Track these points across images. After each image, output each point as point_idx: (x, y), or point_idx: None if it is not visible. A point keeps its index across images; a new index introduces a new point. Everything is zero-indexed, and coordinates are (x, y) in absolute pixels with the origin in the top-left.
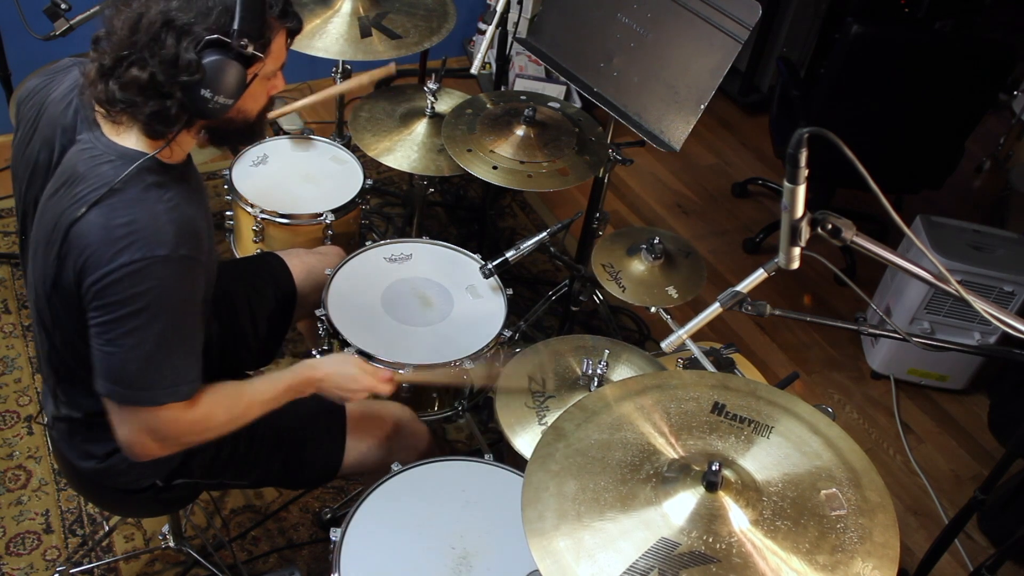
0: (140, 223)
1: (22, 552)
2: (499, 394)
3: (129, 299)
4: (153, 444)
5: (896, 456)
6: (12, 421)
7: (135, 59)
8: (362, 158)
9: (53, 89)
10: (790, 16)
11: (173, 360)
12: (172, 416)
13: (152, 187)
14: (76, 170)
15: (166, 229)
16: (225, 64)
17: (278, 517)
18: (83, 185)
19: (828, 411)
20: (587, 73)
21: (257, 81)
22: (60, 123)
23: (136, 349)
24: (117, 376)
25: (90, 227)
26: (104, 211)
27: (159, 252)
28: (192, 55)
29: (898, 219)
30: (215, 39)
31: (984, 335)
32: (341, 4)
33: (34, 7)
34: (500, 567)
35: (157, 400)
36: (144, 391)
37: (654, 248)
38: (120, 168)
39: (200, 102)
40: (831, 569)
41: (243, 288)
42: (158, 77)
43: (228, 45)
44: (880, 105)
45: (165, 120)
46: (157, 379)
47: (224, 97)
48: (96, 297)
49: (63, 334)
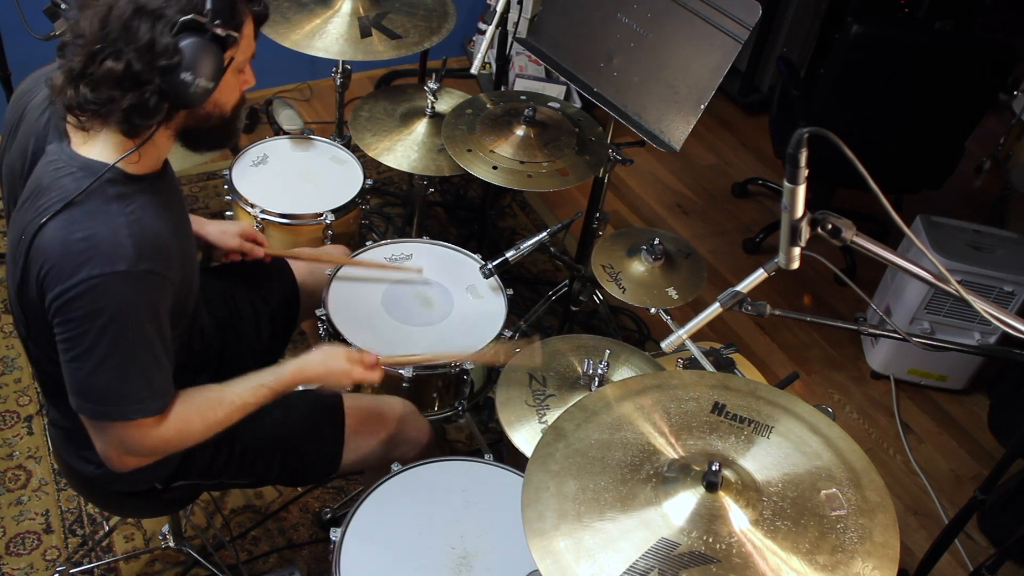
0: (99, 237)
1: (22, 552)
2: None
3: (90, 315)
4: (129, 458)
5: (896, 456)
6: (12, 421)
7: (108, 52)
8: (362, 158)
9: (35, 95)
10: (790, 16)
11: (140, 375)
12: (144, 431)
13: (114, 199)
14: (40, 182)
15: (125, 243)
16: (202, 45)
17: (278, 517)
18: (45, 198)
19: (828, 411)
20: (587, 73)
21: (230, 72)
22: (34, 131)
23: (101, 365)
24: (84, 392)
25: (50, 241)
26: (63, 224)
27: (119, 267)
28: (168, 38)
29: (898, 219)
30: (190, 20)
31: (984, 335)
32: (341, 4)
33: (34, 7)
34: (500, 567)
35: (127, 415)
36: (112, 406)
37: (654, 249)
38: (81, 180)
39: (180, 87)
40: (831, 569)
41: (246, 289)
42: (135, 66)
43: (203, 26)
44: (880, 105)
45: (144, 112)
46: (125, 394)
47: (204, 80)
48: (57, 313)
49: (37, 344)
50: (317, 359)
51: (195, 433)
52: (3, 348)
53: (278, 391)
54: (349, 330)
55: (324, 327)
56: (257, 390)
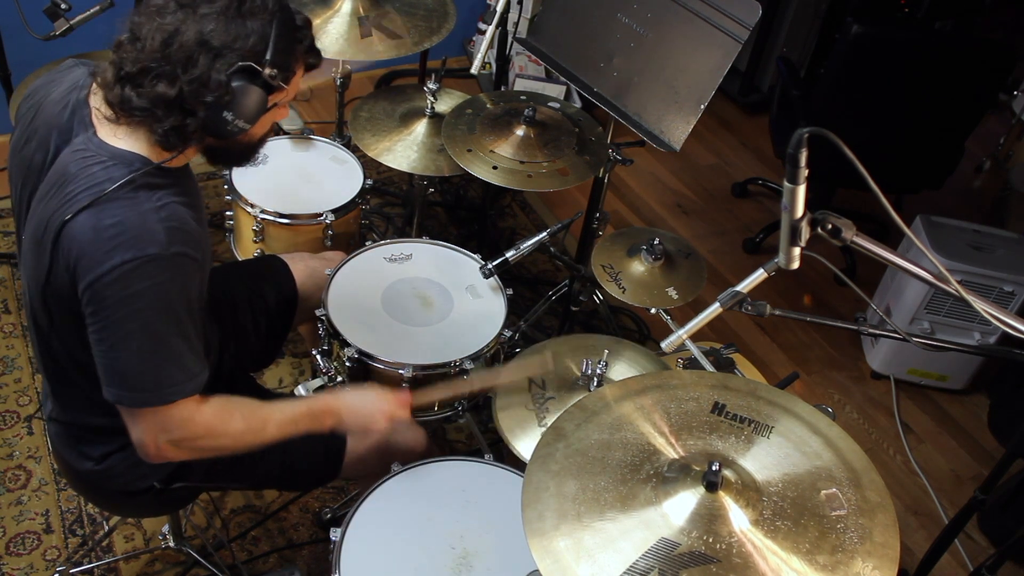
0: (129, 223)
1: (22, 552)
2: (500, 395)
3: (124, 301)
4: (168, 446)
5: (896, 456)
6: (12, 421)
7: (163, 73)
8: (362, 158)
9: (52, 90)
10: (790, 16)
11: (175, 359)
12: (185, 415)
13: (142, 188)
14: (67, 171)
15: (155, 228)
16: (251, 90)
17: (278, 517)
18: (73, 186)
19: (828, 411)
20: (587, 73)
21: (270, 111)
22: (56, 124)
23: (138, 351)
24: (122, 380)
25: (80, 228)
26: (94, 212)
27: (150, 251)
28: (223, 77)
29: (898, 219)
30: (247, 66)
31: (984, 335)
32: (341, 4)
33: (34, 7)
34: (500, 567)
35: (165, 399)
36: (150, 392)
37: (654, 249)
38: (111, 169)
39: (220, 123)
40: (831, 569)
41: (245, 289)
42: (185, 95)
43: (258, 73)
44: (880, 105)
45: (181, 136)
46: (162, 378)
47: (243, 121)
48: (91, 302)
49: (60, 337)
50: (353, 393)
51: (235, 432)
52: (3, 348)
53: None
54: (349, 330)
55: (324, 327)
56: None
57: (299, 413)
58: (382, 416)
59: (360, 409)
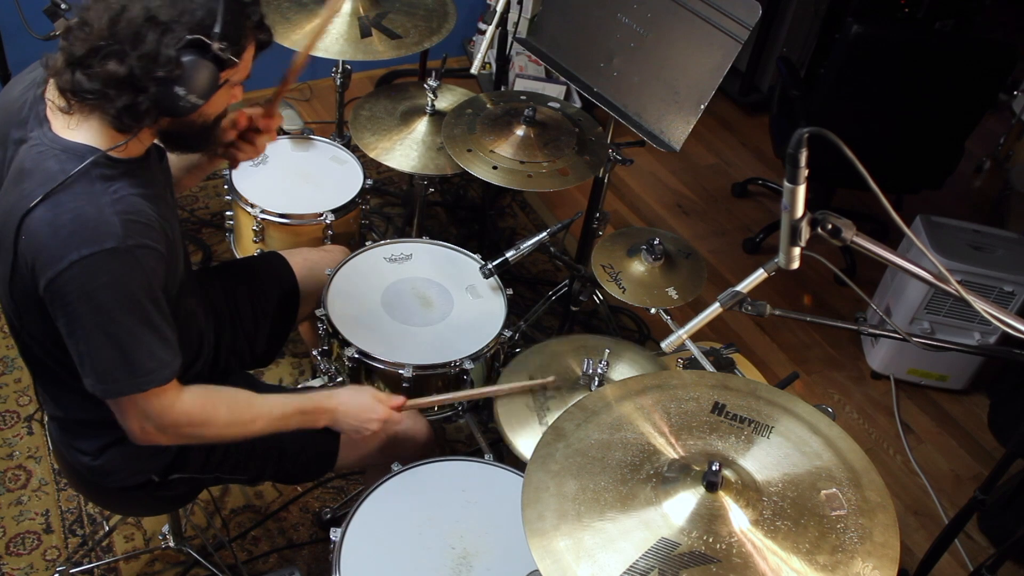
0: (85, 217)
1: (22, 552)
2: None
3: (86, 296)
4: (154, 431)
5: (896, 456)
6: (12, 421)
7: (113, 51)
8: (362, 158)
9: (12, 90)
10: (790, 16)
11: (142, 348)
12: (165, 402)
13: (98, 180)
14: (23, 167)
15: (112, 220)
16: (202, 65)
17: (278, 517)
18: (29, 182)
19: (828, 411)
20: (587, 73)
21: (222, 89)
22: (14, 120)
23: (104, 343)
24: (96, 372)
25: (37, 224)
26: (49, 208)
27: (107, 244)
28: (172, 52)
29: (898, 219)
30: (196, 39)
31: (984, 335)
32: (341, 4)
33: (34, 7)
34: (500, 567)
35: (139, 387)
36: (123, 382)
37: (654, 249)
38: (65, 162)
39: (171, 99)
40: (831, 569)
41: (246, 287)
42: (135, 72)
43: (207, 47)
44: (880, 105)
45: (134, 115)
46: (132, 368)
47: (196, 96)
48: (53, 300)
49: (30, 334)
50: (348, 393)
51: (220, 422)
52: (3, 348)
53: (308, 414)
54: (349, 330)
55: (324, 327)
56: (286, 406)
57: (291, 410)
58: (376, 419)
59: (354, 411)
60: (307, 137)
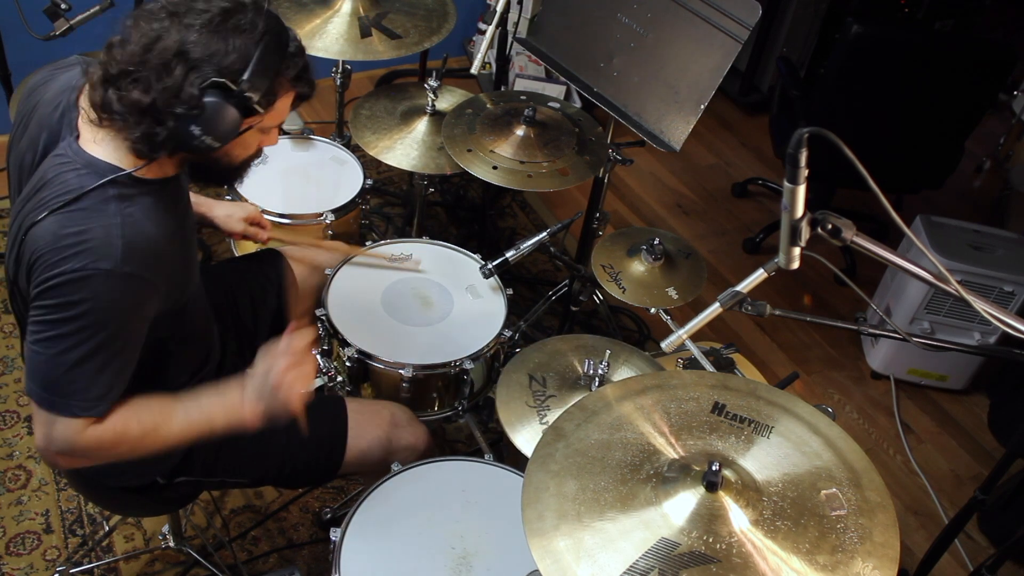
0: (90, 234)
1: (22, 552)
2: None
3: (64, 305)
4: (60, 456)
5: (896, 456)
6: (12, 421)
7: (140, 78)
8: (362, 158)
9: (49, 89)
10: (790, 16)
11: (97, 375)
12: (69, 433)
13: (113, 199)
14: (45, 176)
15: (115, 243)
16: (223, 108)
17: (278, 517)
18: (47, 191)
19: (828, 411)
20: (587, 73)
21: (252, 131)
22: (47, 125)
23: (61, 356)
24: (38, 377)
25: (42, 233)
26: (58, 219)
27: (102, 265)
28: (195, 90)
29: (898, 219)
30: (221, 82)
31: (984, 335)
32: (341, 4)
33: (34, 7)
34: (500, 567)
35: (72, 412)
36: (59, 398)
37: (654, 249)
38: (85, 177)
39: (187, 136)
40: (831, 569)
41: (245, 286)
42: (157, 103)
43: (231, 91)
44: (880, 105)
45: (151, 145)
46: (76, 391)
47: (212, 139)
48: (36, 298)
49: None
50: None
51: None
52: (3, 348)
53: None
54: (349, 330)
55: (324, 327)
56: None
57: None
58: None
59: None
60: (307, 137)
